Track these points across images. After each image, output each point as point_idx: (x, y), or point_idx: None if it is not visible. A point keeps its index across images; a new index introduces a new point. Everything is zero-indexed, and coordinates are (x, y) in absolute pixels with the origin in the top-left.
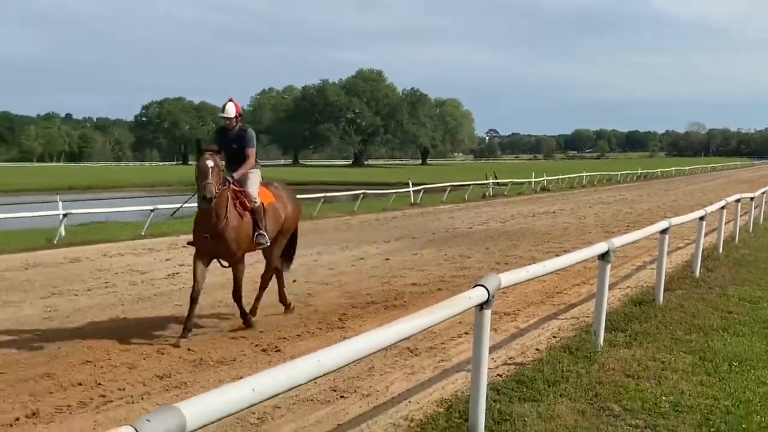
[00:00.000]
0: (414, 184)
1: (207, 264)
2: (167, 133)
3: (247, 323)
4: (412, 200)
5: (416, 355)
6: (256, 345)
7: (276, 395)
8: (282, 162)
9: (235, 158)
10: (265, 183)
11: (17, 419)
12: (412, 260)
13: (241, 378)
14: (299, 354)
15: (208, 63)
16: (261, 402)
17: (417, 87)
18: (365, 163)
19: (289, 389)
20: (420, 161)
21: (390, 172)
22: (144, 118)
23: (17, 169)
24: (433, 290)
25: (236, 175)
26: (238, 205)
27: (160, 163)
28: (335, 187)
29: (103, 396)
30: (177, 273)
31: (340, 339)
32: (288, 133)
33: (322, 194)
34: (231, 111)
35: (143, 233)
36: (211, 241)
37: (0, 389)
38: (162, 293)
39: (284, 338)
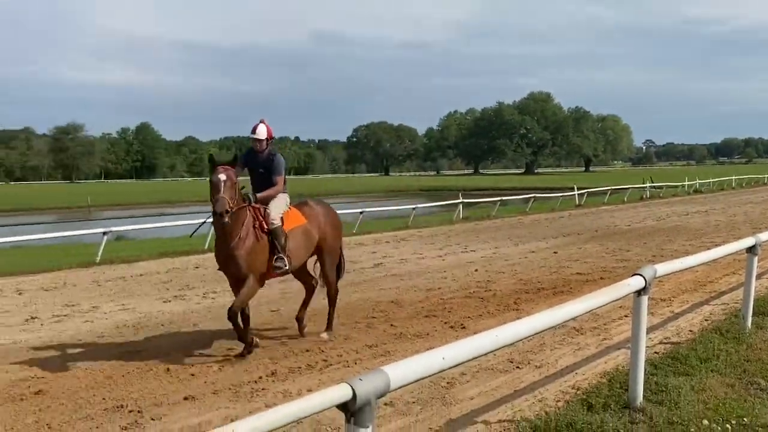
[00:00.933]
0: (578, 188)
1: (235, 287)
2: (372, 150)
3: (247, 347)
4: (577, 202)
5: (582, 333)
6: (445, 323)
7: (461, 363)
8: (464, 172)
9: (262, 183)
10: (300, 203)
11: (260, 377)
12: (577, 253)
13: (433, 348)
14: (480, 330)
15: (405, 92)
16: (449, 368)
17: (581, 105)
18: (535, 171)
19: (472, 359)
20: (583, 169)
21: (557, 178)
22: (354, 138)
23: None
24: (596, 279)
25: (259, 196)
26: (256, 225)
27: (366, 175)
28: (509, 191)
29: (325, 360)
30: (381, 263)
31: (514, 318)
32: (469, 148)
33: (499, 198)
34: (262, 133)
35: (354, 231)
36: (224, 261)
37: (248, 360)
38: (369, 279)
39: (468, 317)
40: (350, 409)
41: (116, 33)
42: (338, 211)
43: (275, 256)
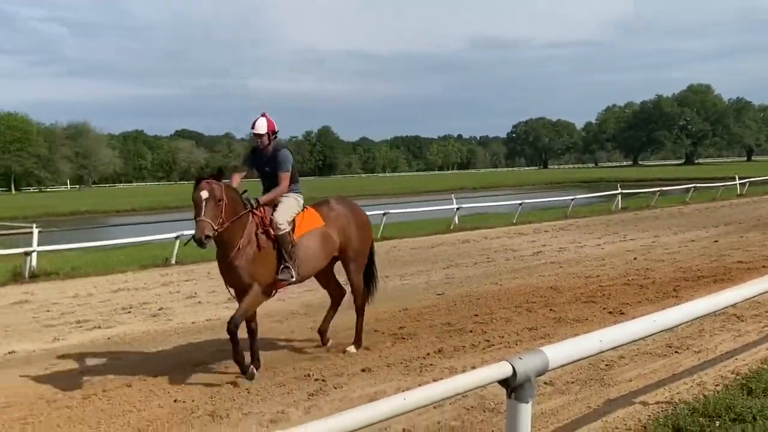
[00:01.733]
0: (740, 178)
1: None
2: (531, 144)
3: (242, 370)
4: (738, 191)
5: (742, 320)
6: (604, 308)
7: (618, 347)
8: (623, 164)
9: (270, 182)
10: (319, 202)
11: (428, 354)
12: (738, 242)
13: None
14: (639, 316)
15: (562, 89)
16: (606, 351)
17: (742, 96)
18: (695, 161)
19: (629, 342)
20: (745, 159)
21: (717, 168)
22: (514, 134)
23: (423, 176)
24: (758, 267)
25: (262, 199)
26: (259, 232)
27: (526, 168)
28: (669, 182)
29: (488, 341)
30: (540, 252)
31: (673, 305)
32: (628, 140)
33: (658, 188)
34: (262, 127)
35: (514, 221)
36: (224, 271)
37: (416, 333)
38: (529, 266)
39: (627, 303)
40: (511, 385)
41: (302, 48)
42: (498, 203)
43: (281, 266)
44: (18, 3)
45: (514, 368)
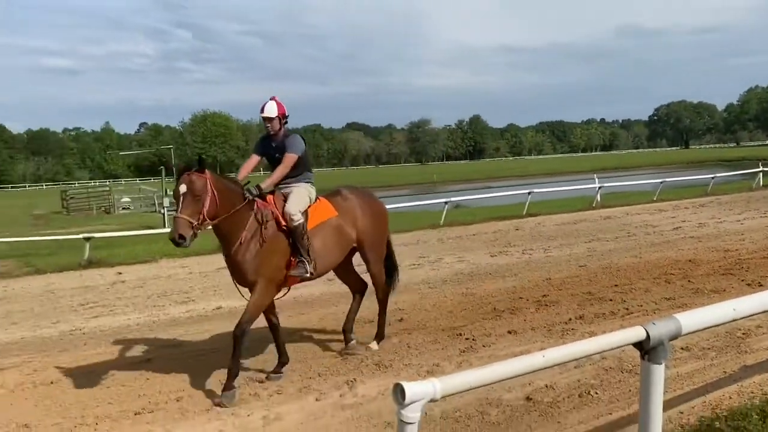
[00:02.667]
0: None
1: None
2: (673, 126)
3: (230, 378)
4: None
5: None
6: (742, 280)
7: (752, 315)
8: (766, 143)
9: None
10: (331, 192)
11: (570, 319)
12: None
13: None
14: None
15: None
16: (741, 319)
17: None
18: None
19: (762, 312)
20: None
21: None
22: (655, 117)
23: (567, 158)
24: None
25: (264, 185)
26: (265, 224)
27: (667, 149)
28: None
29: (627, 309)
30: (680, 227)
31: None
32: None
33: None
34: (272, 110)
35: (655, 198)
36: (230, 268)
37: (558, 301)
38: (668, 241)
39: (766, 276)
40: (644, 348)
41: (454, 45)
42: (640, 182)
43: (297, 260)
44: (220, 19)
45: (647, 332)
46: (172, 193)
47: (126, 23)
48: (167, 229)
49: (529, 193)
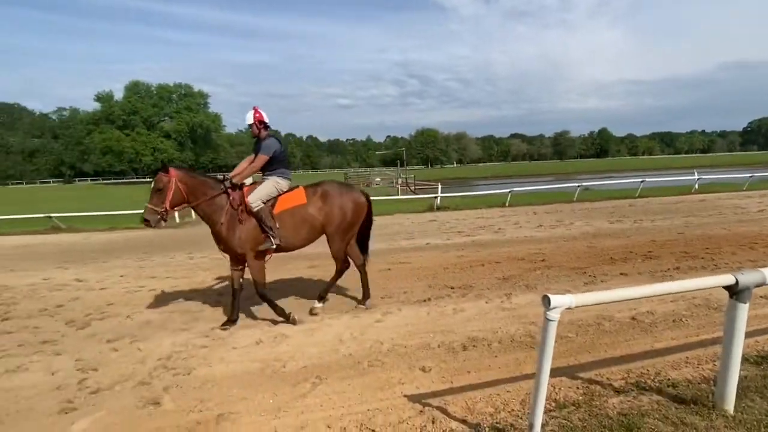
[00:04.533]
0: None
1: (234, 263)
2: (764, 135)
3: (282, 315)
4: None
5: None
6: None
7: None
8: None
9: (263, 167)
10: (312, 184)
11: (668, 269)
12: None
13: None
14: None
15: None
16: None
17: None
18: None
19: None
20: None
21: None
22: (749, 128)
23: (672, 158)
24: None
25: (232, 176)
26: (238, 208)
27: (758, 152)
28: None
29: (715, 265)
30: (765, 209)
31: None
32: None
33: None
34: (249, 118)
35: (744, 188)
36: (218, 244)
37: (660, 256)
38: (754, 219)
39: None
40: (733, 290)
41: (589, 79)
42: (731, 176)
43: (265, 236)
44: (435, 71)
45: (736, 279)
46: (404, 176)
47: (381, 77)
48: (400, 196)
49: (641, 181)
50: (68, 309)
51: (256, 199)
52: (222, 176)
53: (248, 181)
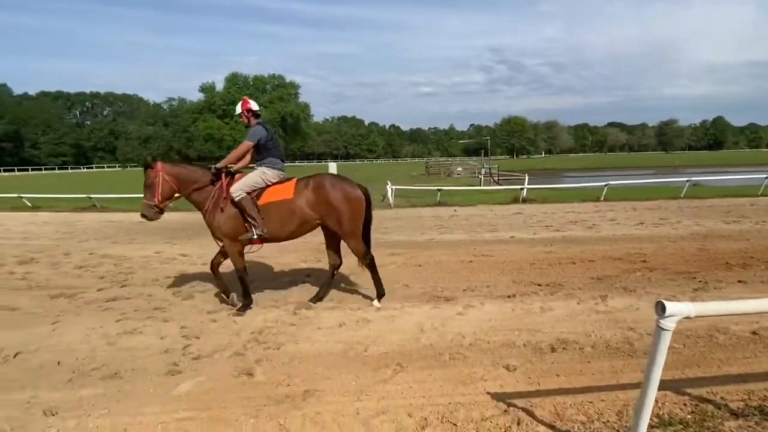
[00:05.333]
0: None
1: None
2: None
3: (247, 297)
4: None
5: None
6: None
7: None
8: None
9: (254, 156)
10: (304, 177)
11: None
12: None
13: None
14: None
15: None
16: None
17: None
18: None
19: None
20: None
21: None
22: None
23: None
24: None
25: (219, 164)
26: (223, 197)
27: None
28: None
29: None
30: None
31: None
32: None
33: None
34: (237, 108)
35: None
36: (207, 226)
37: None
38: None
39: None
40: None
41: (702, 62)
42: None
43: (248, 226)
44: (526, 57)
45: None
46: (487, 166)
47: (467, 64)
48: (482, 187)
49: (767, 178)
50: (175, 280)
51: (238, 188)
52: (211, 165)
53: (274, 174)
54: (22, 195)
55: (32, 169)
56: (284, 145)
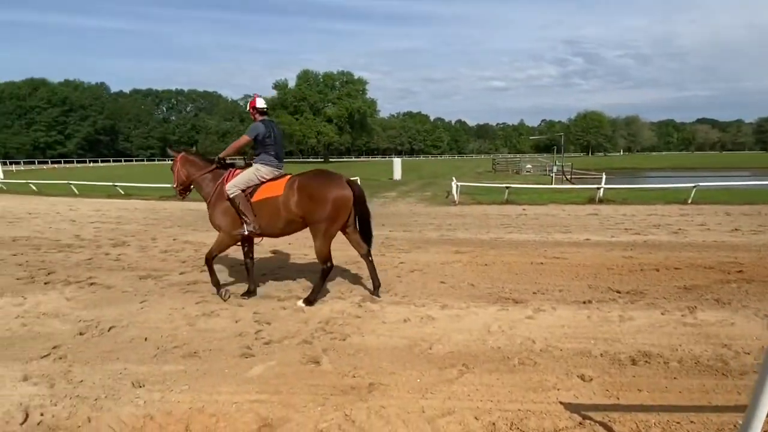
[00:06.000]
0: None
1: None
2: None
3: (216, 286)
4: None
5: None
6: None
7: None
8: None
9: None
10: (297, 174)
11: None
12: None
13: None
14: None
15: None
16: None
17: None
18: None
19: None
20: None
21: None
22: None
23: None
24: None
25: (221, 154)
26: (219, 189)
27: None
28: None
29: None
30: None
31: None
32: None
33: None
34: (247, 107)
35: None
36: None
37: None
38: None
39: None
40: None
41: None
42: None
43: (242, 222)
44: (605, 48)
45: None
46: (559, 164)
47: (541, 57)
48: (554, 186)
49: None
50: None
51: (232, 185)
52: (215, 157)
53: (268, 171)
54: (116, 183)
55: (124, 160)
56: (350, 141)
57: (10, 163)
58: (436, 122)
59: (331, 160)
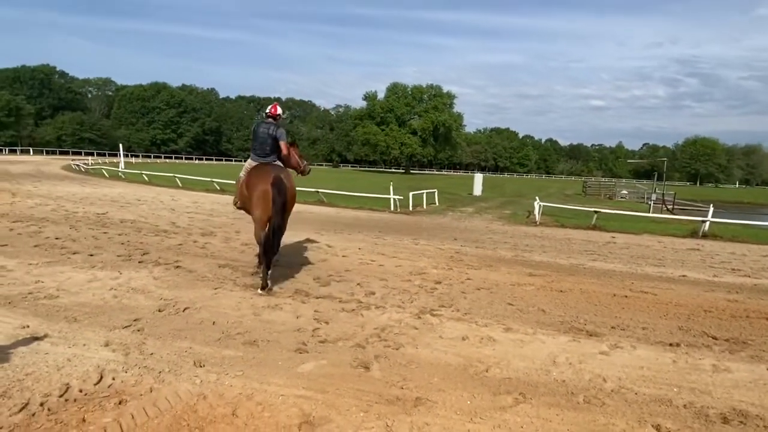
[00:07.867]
0: None
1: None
2: None
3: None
4: None
5: None
6: None
7: None
8: None
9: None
10: (263, 164)
11: None
12: None
13: None
14: None
15: None
16: None
17: None
18: None
19: None
20: None
21: None
22: None
23: None
24: None
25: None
26: None
27: None
28: None
29: None
30: None
31: None
32: None
33: None
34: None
35: None
36: None
37: None
38: None
39: None
40: None
41: None
42: None
43: None
44: (725, 69)
45: None
46: (659, 191)
47: (650, 76)
48: (651, 214)
49: None
50: (317, 267)
51: (241, 173)
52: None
53: (250, 163)
54: (214, 180)
55: (225, 160)
56: (433, 154)
57: (131, 156)
58: (524, 139)
59: (412, 171)
